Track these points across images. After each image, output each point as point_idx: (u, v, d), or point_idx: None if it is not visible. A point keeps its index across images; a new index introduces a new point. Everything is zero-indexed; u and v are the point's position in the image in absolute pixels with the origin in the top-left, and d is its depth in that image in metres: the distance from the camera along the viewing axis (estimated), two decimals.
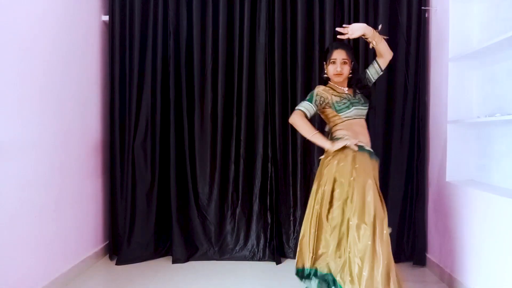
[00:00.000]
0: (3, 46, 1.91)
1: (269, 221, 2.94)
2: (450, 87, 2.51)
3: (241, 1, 2.91)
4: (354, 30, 1.99)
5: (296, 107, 2.06)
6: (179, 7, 2.92)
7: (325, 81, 2.19)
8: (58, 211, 2.40)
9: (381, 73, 2.15)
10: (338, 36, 2.05)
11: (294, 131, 2.88)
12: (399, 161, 2.86)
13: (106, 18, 2.94)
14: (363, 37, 2.04)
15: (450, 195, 2.48)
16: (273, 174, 2.92)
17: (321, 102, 2.03)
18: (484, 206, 2.11)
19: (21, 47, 2.05)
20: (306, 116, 2.00)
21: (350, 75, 2.09)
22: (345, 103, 2.03)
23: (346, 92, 2.09)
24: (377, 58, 2.11)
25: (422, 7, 2.78)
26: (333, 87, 2.10)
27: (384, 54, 2.07)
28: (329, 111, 2.07)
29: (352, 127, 2.03)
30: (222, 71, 2.94)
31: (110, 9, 2.88)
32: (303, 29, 2.87)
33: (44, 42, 2.26)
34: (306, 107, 2.01)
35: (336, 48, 2.05)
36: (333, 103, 2.03)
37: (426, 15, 2.80)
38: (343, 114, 2.03)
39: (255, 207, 2.98)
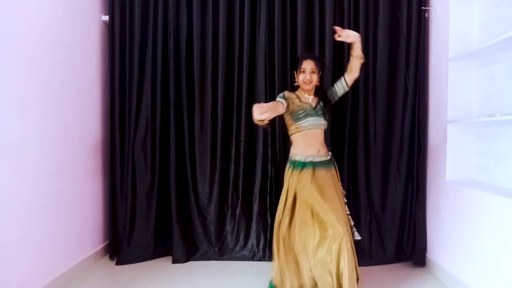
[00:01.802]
0: (3, 46, 1.91)
1: (269, 221, 2.94)
2: (450, 87, 2.51)
3: (241, 1, 2.92)
4: (350, 35, 2.13)
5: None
6: (179, 7, 2.92)
7: (294, 89, 2.31)
8: (58, 211, 2.40)
9: (347, 89, 2.26)
10: (335, 36, 2.16)
11: None
12: (399, 161, 2.86)
13: (106, 18, 2.94)
14: (351, 48, 2.16)
15: (450, 195, 2.48)
16: (273, 174, 2.92)
17: (288, 103, 2.17)
18: (484, 206, 2.11)
19: (21, 47, 2.05)
20: (283, 107, 2.11)
21: (318, 84, 2.24)
22: (301, 113, 2.18)
23: (310, 101, 2.23)
24: (345, 74, 2.23)
25: (422, 7, 2.78)
26: (299, 95, 2.25)
27: (354, 71, 2.19)
28: (288, 118, 2.23)
29: (306, 138, 2.19)
30: (222, 71, 2.94)
31: (110, 9, 2.89)
32: (303, 29, 2.87)
33: (44, 42, 2.26)
34: (282, 100, 2.14)
35: (306, 58, 2.21)
36: (292, 111, 2.19)
37: (426, 15, 2.80)
38: (299, 124, 2.18)
39: (255, 207, 2.98)
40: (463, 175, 2.53)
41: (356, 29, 2.83)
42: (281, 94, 2.24)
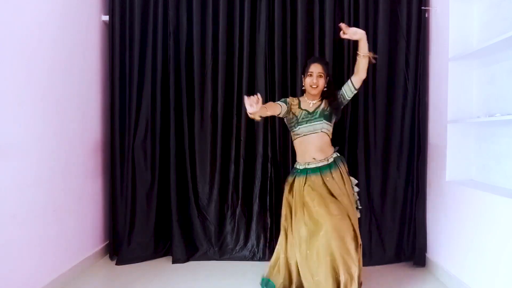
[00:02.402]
0: (3, 46, 1.91)
1: (269, 221, 2.94)
2: (450, 87, 2.51)
3: (241, 1, 2.91)
4: (356, 32, 2.10)
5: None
6: (179, 7, 2.92)
7: (302, 92, 2.35)
8: (59, 211, 2.40)
9: (355, 91, 2.23)
10: (340, 34, 2.12)
11: None
12: (399, 161, 2.86)
13: (106, 18, 2.94)
14: (358, 47, 2.14)
15: (450, 195, 2.48)
16: (273, 174, 2.92)
17: (289, 108, 2.25)
18: (484, 206, 2.11)
19: (21, 47, 2.05)
20: (280, 113, 2.20)
21: (325, 89, 2.25)
22: (293, 121, 2.25)
23: (310, 106, 2.25)
24: (352, 77, 2.20)
25: (422, 7, 2.78)
26: (300, 101, 2.30)
27: (361, 71, 2.15)
28: (288, 125, 2.31)
29: (302, 145, 2.24)
30: (222, 71, 2.94)
31: (110, 9, 2.89)
32: (303, 29, 2.87)
33: (45, 42, 2.26)
34: (282, 103, 2.23)
35: (314, 62, 2.23)
36: (287, 119, 2.28)
37: (426, 15, 2.80)
38: (293, 132, 2.26)
39: (255, 207, 2.98)
40: (463, 175, 2.53)
41: None
42: (283, 99, 2.29)
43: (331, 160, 2.21)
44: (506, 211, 1.91)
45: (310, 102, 2.26)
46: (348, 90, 2.22)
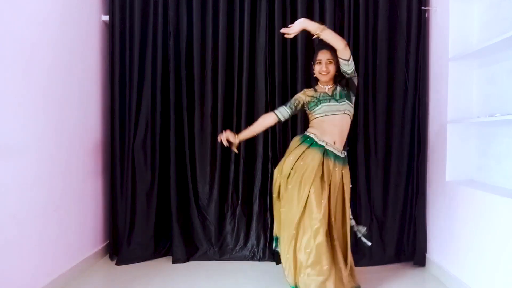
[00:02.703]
0: (4, 46, 1.91)
1: (269, 221, 2.94)
2: (450, 87, 2.51)
3: (241, 1, 2.92)
4: (295, 27, 2.08)
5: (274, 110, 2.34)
6: (179, 7, 2.92)
7: (313, 81, 2.33)
8: (59, 211, 2.40)
9: (349, 61, 2.14)
10: (285, 36, 2.15)
11: (294, 131, 2.90)
12: (399, 161, 2.86)
13: (106, 18, 2.94)
14: (312, 33, 2.10)
15: (450, 195, 2.48)
16: (273, 174, 2.91)
17: (296, 104, 2.28)
18: (484, 206, 2.11)
19: (21, 47, 2.05)
20: (279, 118, 2.29)
21: (337, 73, 2.23)
22: (314, 101, 2.22)
23: (326, 90, 2.23)
24: (337, 53, 2.14)
25: (422, 7, 2.78)
26: (316, 88, 2.29)
27: (334, 44, 2.08)
28: (308, 110, 2.29)
29: (322, 125, 2.20)
30: (222, 71, 2.94)
31: (110, 9, 2.89)
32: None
33: (45, 42, 2.26)
34: (280, 111, 2.30)
35: (321, 49, 2.21)
36: (307, 103, 2.26)
37: (426, 15, 2.80)
38: (314, 112, 2.21)
39: (255, 207, 2.98)
40: (463, 175, 2.53)
41: (356, 29, 2.84)
42: (288, 102, 2.31)
43: (343, 155, 2.22)
44: (506, 211, 1.91)
45: (325, 87, 2.24)
46: (343, 65, 2.15)
